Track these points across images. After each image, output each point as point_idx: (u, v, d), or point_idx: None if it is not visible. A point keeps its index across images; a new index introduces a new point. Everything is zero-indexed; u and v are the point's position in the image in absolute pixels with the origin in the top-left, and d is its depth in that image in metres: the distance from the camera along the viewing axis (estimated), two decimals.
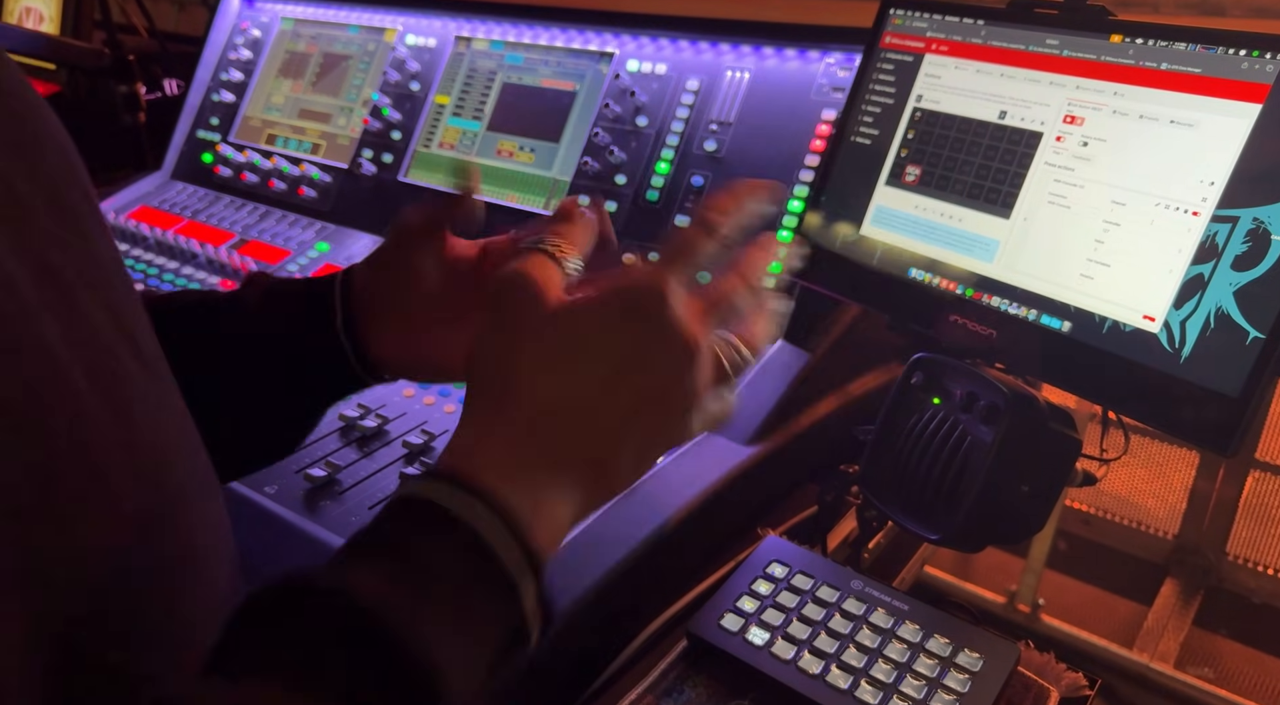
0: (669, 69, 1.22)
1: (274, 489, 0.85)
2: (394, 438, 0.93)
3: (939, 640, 0.68)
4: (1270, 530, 1.52)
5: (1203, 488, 1.56)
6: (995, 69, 0.81)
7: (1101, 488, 1.60)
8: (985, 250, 0.80)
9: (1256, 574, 1.54)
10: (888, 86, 0.89)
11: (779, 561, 0.77)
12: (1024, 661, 0.70)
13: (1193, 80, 0.70)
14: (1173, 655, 1.44)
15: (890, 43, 0.89)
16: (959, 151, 0.83)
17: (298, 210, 1.46)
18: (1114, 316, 0.71)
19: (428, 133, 1.39)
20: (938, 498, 0.76)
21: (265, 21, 1.64)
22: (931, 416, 0.78)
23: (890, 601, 0.72)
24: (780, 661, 0.68)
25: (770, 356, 1.00)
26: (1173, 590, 1.57)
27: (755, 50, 1.17)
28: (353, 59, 1.51)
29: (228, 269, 1.33)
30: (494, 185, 1.30)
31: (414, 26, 1.46)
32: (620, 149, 1.20)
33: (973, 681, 0.65)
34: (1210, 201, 0.68)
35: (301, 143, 1.52)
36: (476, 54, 1.39)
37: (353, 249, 1.35)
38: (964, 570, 1.62)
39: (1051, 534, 1.50)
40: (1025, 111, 0.79)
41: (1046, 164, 0.77)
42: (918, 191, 0.85)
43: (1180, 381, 0.67)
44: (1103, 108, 0.75)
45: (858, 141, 0.90)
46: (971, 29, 0.84)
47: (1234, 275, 0.66)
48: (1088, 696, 0.70)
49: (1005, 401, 0.73)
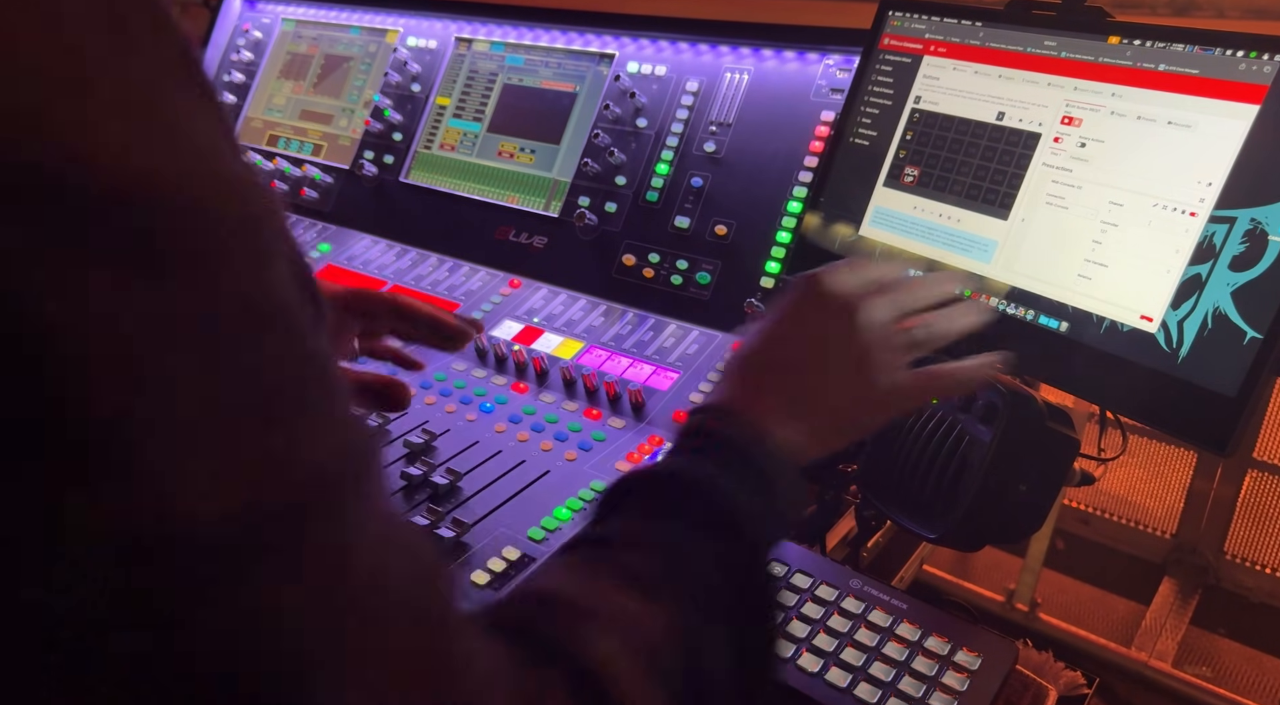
0: (669, 70, 1.22)
1: None
2: (395, 437, 0.94)
3: (937, 639, 0.69)
4: (1268, 529, 1.53)
5: (1201, 487, 1.57)
6: (993, 70, 0.82)
7: (1099, 487, 1.60)
8: (983, 251, 0.80)
9: (1254, 573, 1.55)
10: (886, 88, 0.89)
11: (778, 560, 0.77)
12: (1022, 660, 0.71)
13: (1190, 81, 0.71)
14: (1171, 654, 1.44)
15: (889, 44, 0.90)
16: (957, 152, 0.83)
17: (299, 211, 1.46)
18: (1112, 316, 0.71)
19: (429, 134, 1.39)
20: (936, 497, 0.76)
21: (267, 23, 1.65)
22: (930, 416, 0.78)
23: (889, 600, 0.73)
24: (779, 660, 0.68)
25: None
26: (1171, 589, 1.57)
27: (754, 52, 1.18)
28: (354, 60, 1.52)
29: None
30: (495, 186, 1.31)
31: (415, 28, 1.47)
32: (620, 150, 1.20)
33: (971, 680, 0.66)
34: (1208, 202, 0.68)
35: (303, 144, 1.52)
36: (477, 55, 1.39)
37: (353, 249, 1.35)
38: (962, 569, 1.62)
39: (1050, 533, 1.51)
40: (1023, 112, 0.79)
41: (1044, 165, 0.77)
42: (916, 192, 0.85)
43: (1178, 381, 0.68)
44: (1100, 109, 0.75)
45: (856, 142, 0.90)
46: (970, 30, 0.84)
47: (1231, 275, 0.66)
48: (1085, 695, 0.71)
49: (1003, 401, 0.73)
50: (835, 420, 0.58)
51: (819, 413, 0.57)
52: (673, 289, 1.12)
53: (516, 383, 1.04)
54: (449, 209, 1.33)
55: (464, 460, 0.90)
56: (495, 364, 1.07)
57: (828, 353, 0.58)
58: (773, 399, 0.56)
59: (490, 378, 1.05)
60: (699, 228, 1.13)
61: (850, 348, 0.58)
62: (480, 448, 0.92)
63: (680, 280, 1.12)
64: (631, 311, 1.13)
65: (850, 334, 0.58)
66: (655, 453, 0.91)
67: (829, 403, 0.57)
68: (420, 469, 0.86)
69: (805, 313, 0.60)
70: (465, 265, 1.27)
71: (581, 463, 0.90)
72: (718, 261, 1.11)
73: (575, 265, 1.20)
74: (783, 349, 0.60)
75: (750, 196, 1.11)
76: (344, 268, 1.32)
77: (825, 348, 0.58)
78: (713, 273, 1.11)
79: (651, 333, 1.09)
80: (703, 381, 1.00)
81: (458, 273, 1.26)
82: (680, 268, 1.13)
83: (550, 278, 1.21)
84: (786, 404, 0.56)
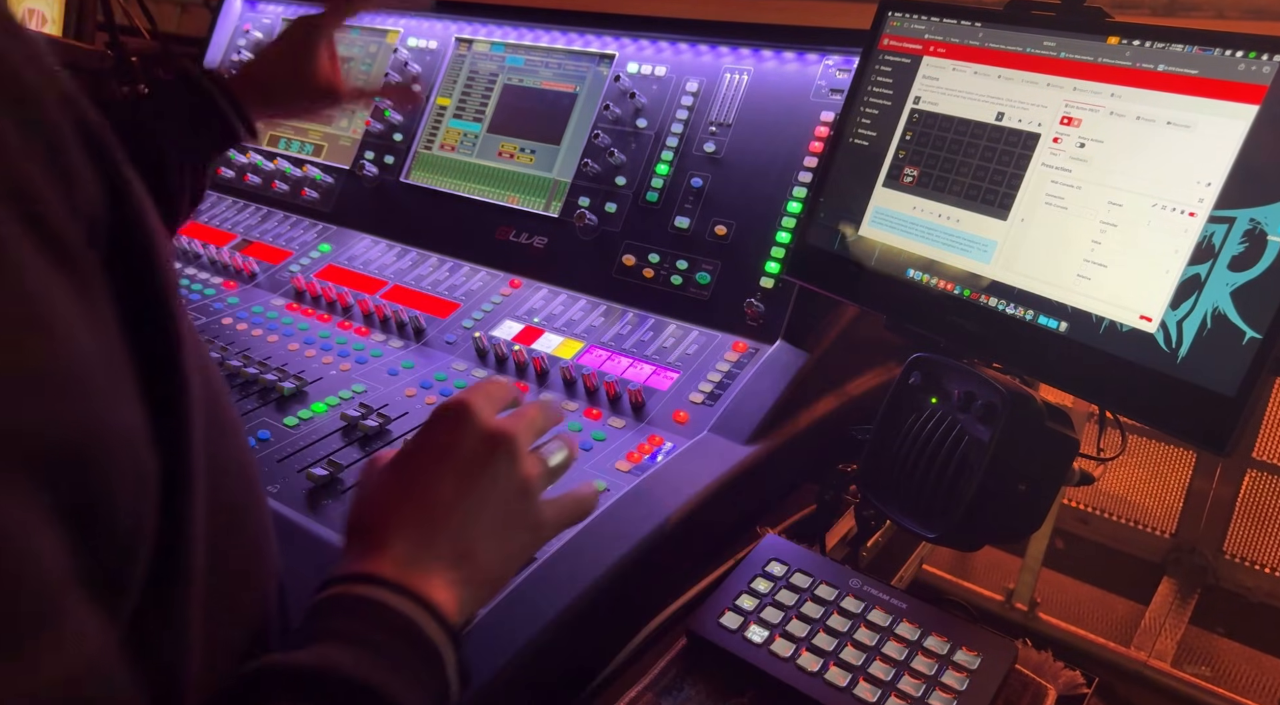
0: (669, 71, 1.22)
1: (276, 488, 0.85)
2: (395, 437, 0.94)
3: (937, 638, 0.69)
4: (1267, 529, 1.53)
5: (1200, 487, 1.57)
6: (993, 71, 0.82)
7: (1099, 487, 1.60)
8: (983, 251, 0.80)
9: (1253, 572, 1.55)
10: (886, 88, 0.89)
11: (778, 560, 0.77)
12: (1022, 660, 0.71)
13: (1190, 82, 0.71)
14: (1170, 654, 1.44)
15: (888, 45, 0.90)
16: (956, 153, 0.83)
17: (300, 211, 1.47)
18: (1111, 316, 0.72)
19: (429, 134, 1.39)
20: (935, 497, 0.76)
21: (267, 23, 1.65)
22: (929, 416, 0.78)
23: (888, 600, 0.73)
24: (779, 659, 0.68)
25: (770, 356, 1.01)
26: (1170, 589, 1.57)
27: (754, 52, 1.18)
28: (355, 61, 1.52)
29: (229, 269, 1.33)
30: (495, 186, 1.31)
31: (415, 28, 1.47)
32: (620, 150, 1.20)
33: (970, 679, 0.66)
34: (1207, 202, 0.68)
35: (304, 145, 1.53)
36: (477, 56, 1.39)
37: (354, 249, 1.35)
38: (962, 569, 1.62)
39: (1049, 533, 1.51)
40: (1022, 113, 0.80)
41: (1044, 165, 0.78)
42: (916, 192, 0.85)
43: (1177, 381, 0.68)
44: (1100, 109, 0.75)
45: (856, 143, 0.91)
46: (969, 31, 0.84)
47: (1231, 275, 0.66)
48: (1085, 695, 0.71)
49: (1003, 401, 0.73)
50: (494, 572, 0.53)
51: (479, 566, 0.51)
52: (673, 289, 1.12)
53: (517, 383, 1.04)
54: (449, 209, 1.33)
55: None
56: (495, 364, 1.07)
57: (486, 499, 0.52)
58: (431, 560, 0.49)
59: (490, 378, 1.05)
60: (699, 228, 1.13)
61: (508, 490, 0.53)
62: None
63: (680, 280, 1.12)
64: (631, 311, 1.13)
65: (506, 474, 0.53)
66: (655, 453, 0.91)
67: (490, 554, 0.52)
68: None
69: (456, 450, 0.53)
70: (465, 265, 1.27)
71: (581, 462, 0.90)
72: (718, 262, 1.11)
73: (575, 265, 1.20)
74: (434, 493, 0.52)
75: (750, 196, 1.12)
76: (344, 267, 1.32)
77: (483, 492, 0.52)
78: (713, 273, 1.11)
79: (651, 333, 1.09)
80: (702, 381, 1.00)
81: (458, 273, 1.26)
82: (680, 268, 1.13)
83: (550, 278, 1.21)
84: (447, 564, 0.50)
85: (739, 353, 1.03)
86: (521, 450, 0.55)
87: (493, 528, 0.53)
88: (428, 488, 0.52)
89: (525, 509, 0.55)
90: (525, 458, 0.55)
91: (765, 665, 0.68)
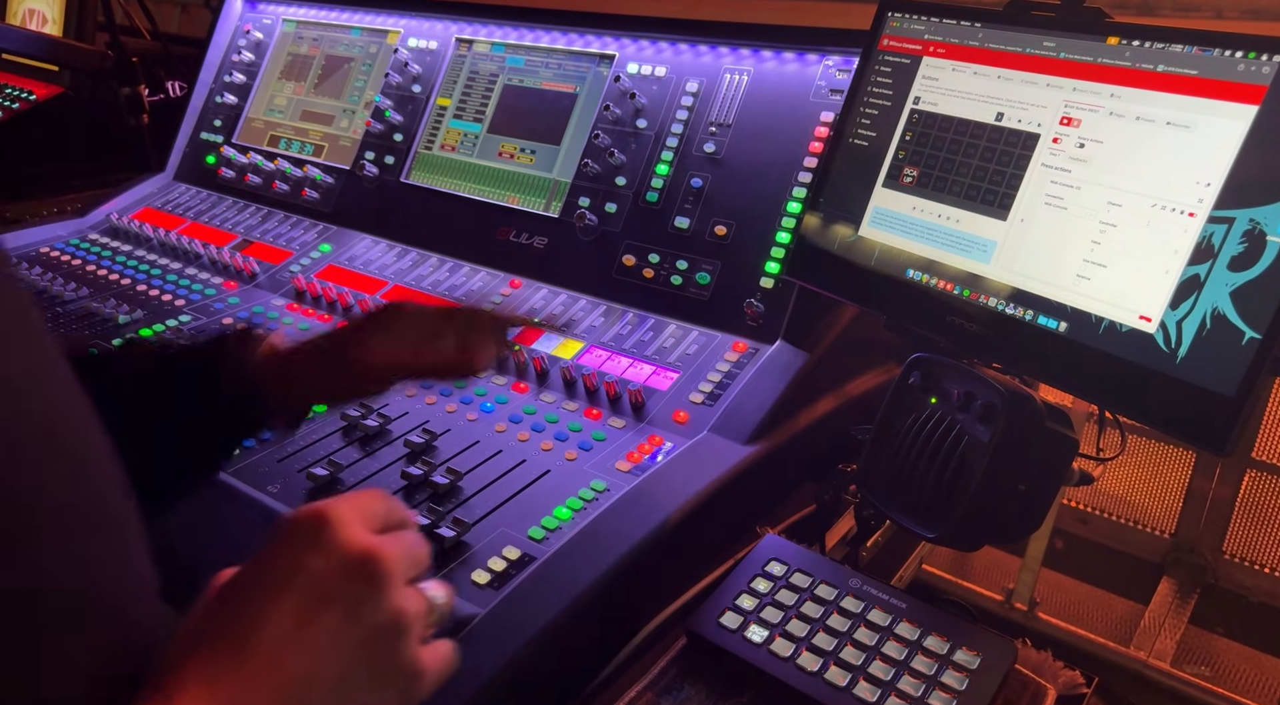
0: (669, 71, 1.22)
1: (276, 488, 0.86)
2: (396, 437, 0.94)
3: (936, 638, 0.69)
4: (1266, 529, 1.53)
5: (1199, 487, 1.57)
6: (992, 71, 0.82)
7: (1098, 487, 1.61)
8: (982, 251, 0.80)
9: (1253, 572, 1.55)
10: (885, 88, 0.89)
11: (778, 559, 0.77)
12: (1021, 659, 0.71)
13: (1189, 82, 0.71)
14: (1169, 653, 1.44)
15: (888, 45, 0.90)
16: (956, 153, 0.83)
17: (300, 212, 1.47)
18: (1110, 317, 0.72)
19: (429, 135, 1.39)
20: (935, 497, 0.76)
21: (268, 24, 1.65)
22: (929, 416, 0.78)
23: (888, 599, 0.73)
24: (779, 659, 0.68)
25: (769, 356, 1.01)
26: (1169, 588, 1.57)
27: (754, 53, 1.18)
28: (355, 61, 1.52)
29: (230, 270, 1.33)
30: (495, 187, 1.31)
31: (415, 29, 1.47)
32: (620, 151, 1.20)
33: (970, 679, 0.66)
34: (1206, 202, 0.68)
35: (304, 145, 1.53)
36: (478, 56, 1.39)
37: (354, 249, 1.35)
38: (961, 569, 1.62)
39: (1048, 532, 1.51)
40: (1022, 113, 0.80)
41: (1043, 165, 0.78)
42: (915, 193, 0.85)
43: (1176, 381, 0.68)
44: (1099, 109, 0.75)
45: (856, 143, 0.91)
46: (969, 31, 0.84)
47: (1230, 276, 0.66)
48: (1084, 694, 0.71)
49: (1002, 401, 0.73)
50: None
51: None
52: (673, 289, 1.12)
53: (517, 383, 1.04)
54: (449, 209, 1.33)
55: (465, 460, 0.90)
56: (495, 364, 1.07)
57: (337, 639, 0.41)
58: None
59: (490, 378, 1.05)
60: (699, 228, 1.14)
61: (370, 628, 0.41)
62: (481, 447, 0.93)
63: (680, 280, 1.12)
64: (631, 311, 1.13)
65: (371, 608, 0.41)
66: (655, 453, 0.91)
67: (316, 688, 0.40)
68: (421, 469, 0.87)
69: (302, 574, 0.41)
70: (465, 265, 1.27)
71: (582, 462, 0.90)
72: (717, 262, 1.11)
73: (575, 265, 1.20)
74: (264, 629, 0.40)
75: (750, 197, 1.12)
76: (345, 267, 1.32)
77: (333, 632, 0.41)
78: (713, 273, 1.11)
79: (651, 333, 1.09)
80: (702, 381, 1.00)
81: (458, 273, 1.26)
82: (680, 268, 1.13)
83: (550, 278, 1.21)
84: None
85: (739, 353, 1.03)
86: (394, 578, 0.42)
87: (344, 677, 0.41)
88: (255, 621, 0.40)
89: (394, 653, 0.42)
90: (398, 589, 0.43)
91: (765, 665, 0.68)
